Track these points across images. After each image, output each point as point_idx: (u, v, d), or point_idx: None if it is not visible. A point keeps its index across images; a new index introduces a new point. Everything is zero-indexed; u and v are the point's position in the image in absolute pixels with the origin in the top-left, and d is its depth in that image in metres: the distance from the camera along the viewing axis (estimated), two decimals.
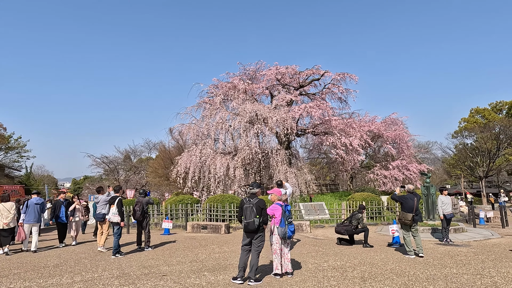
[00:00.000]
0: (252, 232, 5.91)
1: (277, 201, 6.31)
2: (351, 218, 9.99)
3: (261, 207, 5.97)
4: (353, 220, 9.87)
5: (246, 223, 5.87)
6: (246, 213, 5.92)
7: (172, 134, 23.13)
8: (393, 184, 22.58)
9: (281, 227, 6.05)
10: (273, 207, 6.19)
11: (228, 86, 21.90)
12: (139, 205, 9.48)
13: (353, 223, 9.85)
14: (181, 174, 19.09)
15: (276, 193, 6.40)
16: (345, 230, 9.81)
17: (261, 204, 6.00)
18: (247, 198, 6.12)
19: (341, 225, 10.09)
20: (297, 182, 18.61)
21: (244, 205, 6.00)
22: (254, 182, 6.34)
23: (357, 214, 9.99)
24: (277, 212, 6.11)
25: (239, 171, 18.07)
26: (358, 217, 9.93)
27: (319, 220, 14.88)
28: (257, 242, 5.96)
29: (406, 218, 8.08)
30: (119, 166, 40.83)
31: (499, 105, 49.06)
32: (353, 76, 22.58)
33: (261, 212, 5.96)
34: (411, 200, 8.20)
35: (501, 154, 37.74)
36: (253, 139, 18.76)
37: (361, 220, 9.89)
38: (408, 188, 8.55)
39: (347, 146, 19.94)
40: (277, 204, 6.23)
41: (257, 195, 6.15)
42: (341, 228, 9.95)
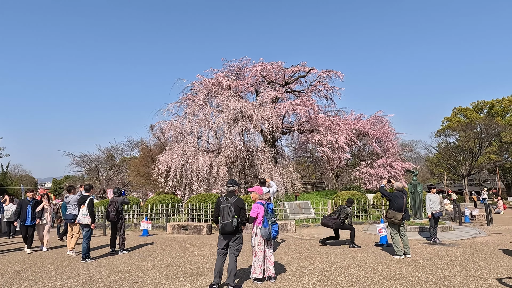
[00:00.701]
0: (230, 234, 5.41)
1: (259, 200, 5.82)
2: (339, 211, 9.44)
3: (239, 206, 5.47)
4: (341, 214, 9.34)
5: (223, 224, 5.35)
6: (223, 213, 5.40)
7: (153, 132, 22.41)
8: (378, 182, 22.42)
9: (264, 228, 5.57)
10: (255, 207, 5.70)
11: (211, 82, 21.30)
12: (114, 205, 8.83)
13: (341, 217, 9.33)
14: (162, 173, 18.39)
15: (257, 191, 5.91)
16: (333, 223, 9.26)
17: (239, 203, 5.50)
18: (224, 196, 5.61)
19: (328, 218, 9.49)
20: (282, 181, 18.20)
21: (221, 204, 5.48)
22: (232, 180, 5.83)
23: (346, 208, 9.45)
24: (260, 211, 5.63)
25: (223, 170, 17.52)
26: (348, 211, 9.39)
27: (305, 220, 14.49)
28: (235, 244, 5.46)
29: (395, 218, 7.71)
30: (101, 165, 39.67)
31: (480, 105, 49.99)
32: (339, 73, 22.33)
33: (240, 212, 5.46)
34: (401, 198, 7.85)
35: (483, 152, 38.35)
36: (237, 137, 18.24)
37: (349, 215, 9.41)
38: (397, 186, 8.19)
39: (333, 144, 19.65)
40: (258, 203, 5.74)
41: (235, 193, 5.66)
42: (329, 220, 9.38)
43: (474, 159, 38.17)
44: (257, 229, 5.66)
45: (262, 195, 5.86)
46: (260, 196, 5.83)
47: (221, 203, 5.49)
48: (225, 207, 5.41)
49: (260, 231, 5.60)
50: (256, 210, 5.64)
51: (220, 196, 5.69)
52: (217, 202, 5.59)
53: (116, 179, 36.63)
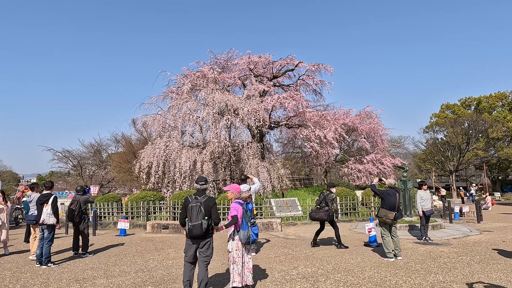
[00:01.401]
0: (199, 238, 4.78)
1: (236, 199, 5.19)
2: (325, 200, 8.44)
3: (210, 206, 4.84)
4: (328, 203, 8.42)
5: (191, 227, 4.70)
6: (191, 214, 4.74)
7: (135, 126, 21.52)
8: (367, 178, 22.07)
9: (243, 231, 4.94)
10: (234, 207, 5.07)
11: (197, 75, 20.53)
12: (76, 204, 8.05)
13: (329, 205, 8.42)
14: (144, 169, 17.62)
15: (232, 189, 5.28)
16: (327, 215, 8.26)
17: (210, 202, 4.87)
18: (193, 195, 4.95)
19: (319, 211, 8.40)
20: (269, 177, 17.62)
21: (189, 204, 4.81)
22: (202, 177, 5.17)
23: (330, 194, 8.52)
24: (238, 212, 5.01)
25: (207, 166, 16.83)
26: (332, 197, 8.50)
27: (291, 217, 13.95)
28: (205, 250, 4.84)
29: (387, 217, 7.18)
30: (85, 160, 38.47)
31: (468, 101, 50.23)
32: (328, 67, 21.80)
33: (211, 212, 4.84)
34: (393, 196, 7.32)
35: (470, 148, 38.48)
36: (222, 131, 17.56)
37: (335, 201, 8.79)
38: (390, 183, 7.65)
39: (321, 139, 19.14)
40: (236, 202, 5.12)
41: (206, 191, 5.03)
42: (323, 214, 8.30)
43: (462, 155, 38.27)
44: (234, 232, 5.04)
45: (240, 193, 5.24)
46: (236, 195, 5.22)
47: (189, 203, 4.83)
48: (193, 207, 4.75)
49: (238, 234, 4.98)
50: (236, 209, 5.02)
51: (189, 195, 5.01)
52: (185, 202, 4.92)
53: (100, 176, 35.56)
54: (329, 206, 8.38)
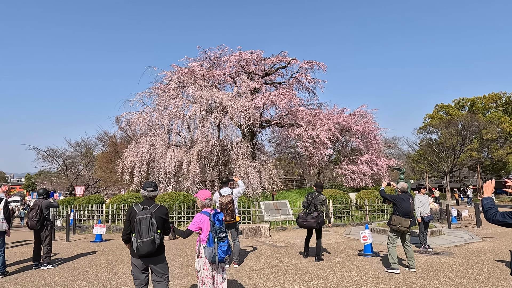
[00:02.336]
0: (152, 256, 3.92)
1: (204, 208, 4.36)
2: (313, 203, 7.22)
3: (163, 218, 4.01)
4: (318, 206, 7.19)
5: (141, 244, 3.77)
6: (140, 228, 3.83)
7: (119, 124, 20.58)
8: (361, 179, 21.39)
9: (208, 247, 4.11)
10: (197, 218, 4.23)
11: (185, 71, 19.64)
12: (36, 209, 7.12)
13: (318, 209, 7.18)
14: (127, 169, 16.70)
15: (200, 196, 4.44)
16: (317, 222, 7.08)
17: (163, 212, 4.03)
18: (141, 205, 4.06)
19: (309, 217, 7.15)
20: (259, 178, 16.82)
21: (137, 215, 3.91)
22: (151, 182, 4.30)
23: (319, 195, 7.29)
24: (204, 224, 4.18)
25: (194, 166, 15.96)
26: (322, 199, 7.26)
27: (281, 221, 13.15)
28: (161, 268, 4.02)
29: (402, 225, 6.40)
30: (73, 160, 37.30)
31: (462, 102, 50.00)
32: (321, 64, 21.07)
33: (163, 225, 4.03)
34: (407, 201, 6.57)
35: (465, 149, 38.09)
36: (210, 130, 16.70)
37: (325, 203, 7.29)
38: (402, 187, 6.84)
39: (314, 138, 18.38)
40: (203, 213, 4.28)
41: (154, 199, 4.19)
42: (312, 221, 7.07)
43: (456, 156, 37.86)
44: (200, 248, 4.21)
45: (208, 201, 4.40)
46: (203, 203, 4.37)
47: (136, 214, 3.93)
48: (143, 219, 3.86)
49: (204, 251, 4.15)
50: (199, 222, 4.18)
51: (134, 204, 4.11)
52: (130, 213, 4.02)
53: (87, 176, 34.42)
54: (319, 210, 7.22)
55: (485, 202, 3.07)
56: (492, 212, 2.95)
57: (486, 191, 3.17)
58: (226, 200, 6.65)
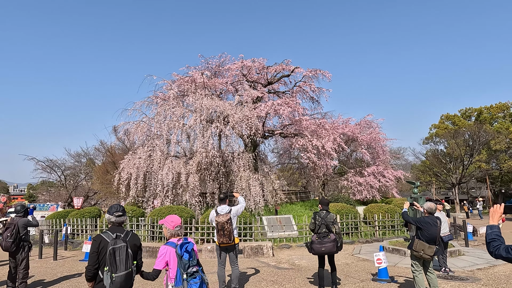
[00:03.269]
0: None
1: (171, 238, 3.57)
2: (325, 223, 6.10)
3: (137, 246, 3.43)
4: (330, 226, 6.09)
5: (118, 279, 3.10)
6: (114, 260, 3.15)
7: (116, 134, 19.89)
8: (368, 192, 20.50)
9: (177, 287, 3.31)
10: (162, 252, 3.44)
11: (185, 80, 19.06)
12: (12, 228, 6.35)
13: (332, 229, 6.09)
14: (124, 181, 15.95)
15: (167, 224, 3.67)
16: (335, 246, 5.98)
17: (137, 240, 3.45)
18: (110, 232, 3.35)
19: (323, 240, 5.96)
20: (262, 191, 16.00)
21: (109, 246, 3.21)
22: (117, 205, 3.62)
23: (330, 215, 6.25)
24: (170, 259, 3.41)
25: (193, 178, 15.19)
26: (333, 218, 6.23)
27: (285, 238, 12.28)
28: None
29: (426, 252, 5.53)
30: (73, 170, 36.67)
31: (468, 112, 49.12)
32: (325, 73, 20.43)
33: (138, 254, 3.44)
34: (434, 225, 5.69)
35: (474, 160, 37.09)
36: (211, 140, 15.97)
37: (336, 222, 6.26)
38: (429, 208, 5.95)
39: (319, 149, 17.60)
40: (168, 244, 3.49)
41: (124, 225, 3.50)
42: (330, 245, 5.92)
43: (465, 167, 36.84)
44: (168, 286, 3.43)
45: (178, 229, 3.62)
46: (172, 232, 3.57)
47: (107, 244, 3.22)
48: (117, 249, 3.19)
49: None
50: (164, 256, 3.41)
51: (103, 232, 3.39)
52: (99, 243, 3.29)
53: (86, 187, 33.71)
54: (334, 231, 6.12)
55: (489, 231, 2.62)
56: (496, 245, 2.55)
57: (493, 218, 2.65)
58: (223, 220, 5.86)
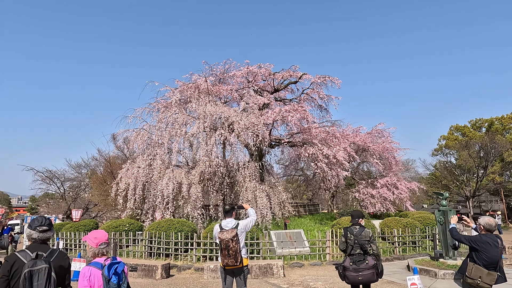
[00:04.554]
0: None
1: (96, 258, 2.92)
2: (358, 243, 4.87)
3: (65, 268, 2.83)
4: (366, 245, 4.85)
5: None
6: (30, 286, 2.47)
7: (115, 142, 18.99)
8: (382, 205, 19.29)
9: None
10: (84, 274, 2.79)
11: (188, 86, 18.21)
12: None
13: (368, 250, 4.86)
14: (122, 192, 14.94)
15: (89, 241, 2.98)
16: (375, 273, 4.81)
17: (65, 261, 2.85)
18: (29, 250, 2.68)
19: (363, 266, 4.74)
20: (269, 203, 14.90)
21: (25, 268, 2.51)
22: (42, 217, 2.89)
23: (365, 231, 4.98)
24: (95, 282, 2.76)
25: (196, 189, 14.14)
26: (369, 234, 4.98)
27: (296, 256, 11.11)
28: None
29: (484, 280, 4.30)
30: (72, 182, 35.76)
31: (479, 122, 47.86)
32: (335, 79, 19.53)
33: (65, 278, 2.83)
34: (494, 246, 4.49)
35: (488, 172, 35.71)
36: (214, 149, 14.97)
37: (373, 241, 5.01)
38: (488, 224, 4.71)
39: (330, 158, 16.52)
40: (92, 265, 2.85)
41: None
42: (370, 273, 4.74)
43: (479, 179, 35.44)
44: None
45: (103, 247, 2.93)
46: (95, 251, 2.91)
47: (23, 266, 2.53)
48: (35, 272, 2.51)
49: None
50: (86, 280, 2.75)
51: (19, 252, 2.69)
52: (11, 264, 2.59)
53: (85, 198, 32.70)
54: (371, 252, 4.88)
55: None
56: None
57: None
58: (227, 237, 4.76)
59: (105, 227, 13.63)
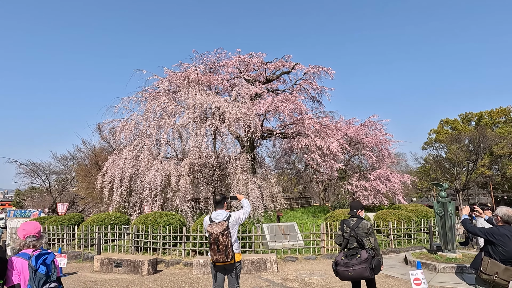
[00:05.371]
0: None
1: (24, 249, 2.72)
2: (354, 235, 4.51)
3: None
4: (362, 239, 4.49)
5: None
6: None
7: (101, 133, 18.20)
8: (375, 197, 19.04)
9: None
10: (12, 262, 2.58)
11: (178, 75, 17.54)
12: None
13: (365, 244, 4.49)
14: (108, 184, 14.31)
15: (19, 233, 2.77)
16: (369, 268, 4.33)
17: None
18: None
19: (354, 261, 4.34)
20: (261, 195, 14.49)
21: None
22: None
23: (362, 222, 4.60)
24: (22, 274, 2.55)
25: (185, 181, 13.62)
26: (367, 226, 4.60)
27: (289, 249, 10.72)
28: None
29: (501, 276, 3.96)
30: (59, 175, 34.75)
31: (468, 117, 48.26)
32: (328, 70, 19.10)
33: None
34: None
35: (478, 165, 35.98)
36: (205, 139, 14.43)
37: (372, 233, 4.62)
38: (506, 215, 4.41)
39: (324, 150, 16.14)
40: (20, 255, 2.65)
41: None
42: (360, 268, 4.29)
43: (469, 172, 35.69)
44: None
45: (31, 240, 2.73)
46: (23, 243, 2.73)
47: None
48: None
49: None
50: (15, 272, 2.56)
51: None
52: None
53: (72, 192, 31.79)
54: (367, 245, 4.51)
55: None
56: None
57: None
58: (217, 230, 4.26)
59: (90, 220, 13.02)
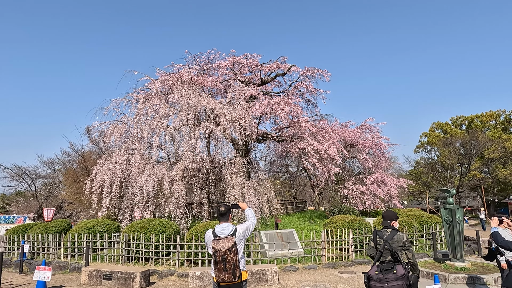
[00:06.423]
0: None
1: None
2: (389, 248, 4.03)
3: None
4: (398, 252, 4.01)
5: None
6: None
7: (90, 136, 17.52)
8: (372, 202, 18.73)
9: None
10: None
11: (170, 76, 16.98)
12: None
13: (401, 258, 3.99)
14: (97, 189, 13.63)
15: None
16: (407, 286, 3.83)
17: None
18: None
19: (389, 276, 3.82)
20: (257, 200, 14.00)
21: None
22: None
23: (397, 235, 4.16)
24: None
25: (179, 186, 13.05)
26: (403, 239, 4.11)
27: (289, 258, 10.23)
28: None
29: None
30: (45, 179, 33.68)
31: (460, 120, 48.58)
32: (324, 72, 18.77)
33: None
34: None
35: (471, 169, 36.11)
36: (199, 142, 13.89)
37: (409, 247, 4.16)
38: None
39: (321, 154, 15.75)
40: None
41: None
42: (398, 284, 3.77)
43: (462, 176, 35.78)
44: None
45: None
46: None
47: None
48: None
49: None
50: None
51: None
52: None
53: (60, 197, 30.78)
54: (403, 260, 4.02)
55: None
56: None
57: None
58: (224, 247, 3.75)
59: (78, 228, 12.31)
